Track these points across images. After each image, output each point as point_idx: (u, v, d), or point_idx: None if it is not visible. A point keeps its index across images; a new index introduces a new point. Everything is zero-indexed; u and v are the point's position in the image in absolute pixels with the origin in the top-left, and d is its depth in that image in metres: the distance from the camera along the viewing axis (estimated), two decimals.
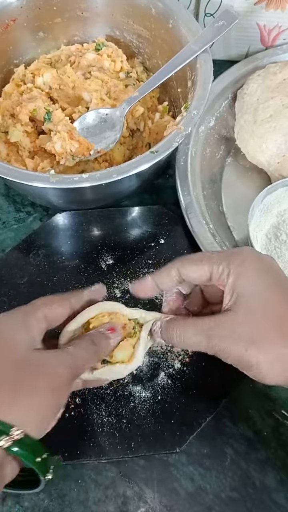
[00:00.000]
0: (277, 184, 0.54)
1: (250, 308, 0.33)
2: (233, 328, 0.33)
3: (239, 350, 0.32)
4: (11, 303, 0.49)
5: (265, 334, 0.32)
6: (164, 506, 0.42)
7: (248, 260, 0.35)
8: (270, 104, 0.56)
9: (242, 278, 0.34)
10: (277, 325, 0.33)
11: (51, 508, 0.43)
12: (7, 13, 0.58)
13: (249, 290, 0.34)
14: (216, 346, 0.33)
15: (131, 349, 0.40)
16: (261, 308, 0.33)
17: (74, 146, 0.53)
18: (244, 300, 0.34)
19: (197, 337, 0.35)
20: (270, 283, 0.34)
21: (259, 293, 0.34)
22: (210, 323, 0.34)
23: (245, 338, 0.32)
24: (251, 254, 0.36)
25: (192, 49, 0.52)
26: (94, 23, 0.63)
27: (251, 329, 0.33)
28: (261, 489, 0.43)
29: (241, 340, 0.32)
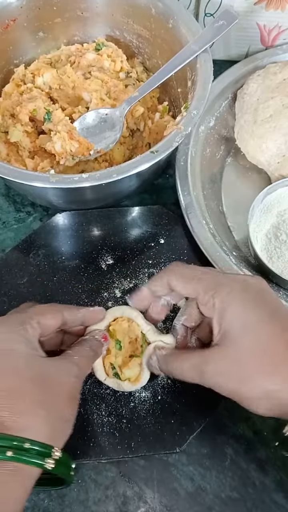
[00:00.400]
0: (277, 184, 0.54)
1: (237, 344, 0.33)
2: (222, 365, 0.33)
3: (229, 387, 0.33)
4: (11, 303, 0.49)
5: (253, 372, 0.32)
6: (164, 506, 0.42)
7: (234, 292, 0.34)
8: (270, 104, 0.56)
9: (228, 312, 0.34)
10: (265, 362, 0.32)
11: (51, 508, 0.43)
12: (7, 13, 0.58)
13: (235, 325, 0.34)
14: (208, 381, 0.34)
15: (139, 368, 0.41)
16: (248, 345, 0.33)
17: (74, 146, 0.53)
18: (231, 336, 0.34)
19: (191, 373, 0.35)
20: (257, 316, 0.34)
21: (245, 328, 0.33)
22: (200, 359, 0.35)
23: (234, 376, 0.33)
24: (238, 287, 0.35)
25: (192, 49, 0.52)
26: (94, 23, 0.63)
27: (239, 367, 0.33)
28: (261, 489, 0.43)
29: (230, 378, 0.33)
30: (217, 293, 0.35)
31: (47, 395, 0.32)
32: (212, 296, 0.35)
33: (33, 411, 0.31)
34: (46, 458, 0.30)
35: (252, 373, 0.32)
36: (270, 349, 0.32)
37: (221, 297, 0.34)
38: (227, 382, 0.33)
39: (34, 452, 0.30)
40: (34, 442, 0.30)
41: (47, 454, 0.30)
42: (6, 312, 0.48)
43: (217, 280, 0.36)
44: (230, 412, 0.46)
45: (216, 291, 0.35)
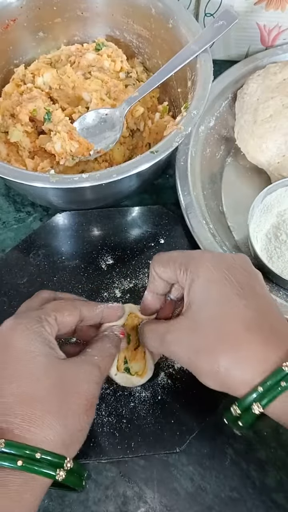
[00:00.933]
0: (277, 184, 0.54)
1: (196, 316, 0.33)
2: (180, 334, 0.34)
3: (183, 357, 0.33)
4: (11, 303, 0.49)
5: (206, 346, 0.32)
6: (164, 506, 0.42)
7: (203, 267, 0.34)
8: (270, 104, 0.56)
9: (193, 286, 0.34)
10: (219, 338, 0.32)
11: (51, 508, 0.43)
12: (7, 13, 0.58)
13: (198, 297, 0.34)
14: (166, 350, 0.35)
15: (144, 360, 0.41)
16: (206, 318, 0.33)
17: (74, 146, 0.53)
18: (192, 308, 0.34)
19: (155, 341, 0.36)
20: (220, 290, 0.33)
21: (207, 301, 0.33)
22: (164, 329, 0.35)
23: (189, 347, 0.33)
24: (207, 260, 0.35)
25: (192, 49, 0.52)
26: (94, 23, 0.63)
27: (194, 339, 0.33)
28: (261, 489, 0.43)
29: (185, 348, 0.33)
30: (188, 266, 0.35)
31: (63, 403, 0.31)
32: (185, 271, 0.35)
33: (47, 419, 0.30)
34: (58, 469, 0.30)
35: (204, 346, 0.32)
36: (227, 326, 0.32)
37: (191, 270, 0.34)
38: (182, 352, 0.34)
39: (46, 462, 0.29)
40: (46, 452, 0.29)
41: (59, 465, 0.30)
42: (6, 312, 0.48)
43: (190, 256, 0.36)
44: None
45: (188, 266, 0.35)
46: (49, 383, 0.31)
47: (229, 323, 0.32)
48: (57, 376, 0.32)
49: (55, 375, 0.32)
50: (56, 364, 0.33)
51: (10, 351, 0.32)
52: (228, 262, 0.35)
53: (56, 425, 0.30)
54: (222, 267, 0.34)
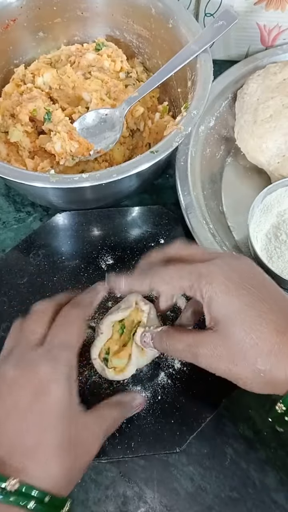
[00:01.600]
0: (277, 184, 0.54)
1: (226, 331, 0.34)
2: (214, 348, 0.34)
3: (223, 369, 0.34)
4: (11, 303, 0.49)
5: (243, 355, 0.33)
6: (164, 506, 0.42)
7: (217, 283, 0.35)
8: (270, 104, 0.56)
9: (214, 303, 0.35)
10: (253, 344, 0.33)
11: None
12: (7, 13, 0.58)
13: (222, 313, 0.34)
14: (201, 363, 0.35)
15: (127, 359, 0.42)
16: (236, 330, 0.34)
17: (74, 146, 0.54)
18: (220, 323, 0.34)
19: (185, 353, 0.36)
20: (241, 302, 0.34)
21: (231, 315, 0.34)
22: (194, 341, 0.36)
23: (226, 359, 0.34)
24: (218, 275, 0.35)
25: (192, 49, 0.52)
26: (94, 23, 0.63)
27: (229, 351, 0.34)
28: (261, 489, 0.43)
29: (221, 360, 0.34)
30: (200, 285, 0.35)
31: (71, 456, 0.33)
32: (198, 288, 0.35)
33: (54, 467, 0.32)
34: None
35: (243, 356, 0.33)
36: (259, 333, 0.33)
37: (205, 290, 0.35)
38: (219, 364, 0.34)
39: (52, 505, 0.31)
40: (54, 498, 0.31)
41: (60, 509, 0.32)
42: (6, 312, 0.48)
43: (198, 273, 0.36)
44: (230, 412, 0.46)
45: (199, 284, 0.35)
46: (67, 437, 0.33)
47: (261, 329, 0.33)
48: (75, 433, 0.34)
49: (74, 431, 0.34)
50: (77, 420, 0.35)
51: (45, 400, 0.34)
52: (237, 270, 0.36)
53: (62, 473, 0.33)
54: (234, 278, 0.35)
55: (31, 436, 0.32)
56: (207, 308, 0.35)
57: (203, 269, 0.36)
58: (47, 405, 0.33)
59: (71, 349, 0.36)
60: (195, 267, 0.36)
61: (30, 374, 0.34)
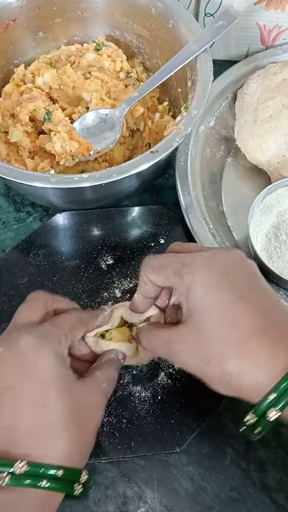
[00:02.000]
0: (277, 184, 0.54)
1: (199, 324, 0.33)
2: (186, 344, 0.33)
3: (192, 365, 0.33)
4: (11, 303, 0.49)
5: (213, 353, 0.32)
6: (164, 506, 0.42)
7: (198, 273, 0.34)
8: (270, 104, 0.56)
9: (191, 294, 0.33)
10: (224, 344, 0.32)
11: None
12: (7, 13, 0.58)
13: (198, 305, 0.33)
14: (175, 360, 0.35)
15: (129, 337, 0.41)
16: (209, 325, 0.32)
17: (74, 146, 0.54)
18: (194, 316, 0.33)
19: (160, 350, 0.36)
20: (219, 296, 0.33)
21: (207, 308, 0.33)
22: (168, 337, 0.35)
23: (196, 356, 0.33)
24: (201, 265, 0.34)
25: (192, 49, 0.52)
26: (94, 23, 0.63)
27: (201, 347, 0.33)
28: (261, 489, 0.43)
29: (193, 357, 0.33)
30: (182, 274, 0.34)
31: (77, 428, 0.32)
32: (180, 278, 0.34)
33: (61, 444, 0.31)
34: (75, 484, 0.31)
35: (212, 355, 0.32)
36: (232, 333, 0.32)
37: (185, 278, 0.34)
38: (191, 361, 0.33)
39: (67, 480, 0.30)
40: (67, 470, 0.30)
41: (76, 480, 0.31)
42: (6, 312, 0.48)
43: (182, 262, 0.35)
44: (230, 412, 0.46)
45: (181, 274, 0.34)
46: (67, 410, 0.32)
47: (235, 329, 0.32)
48: (74, 404, 0.33)
49: (73, 402, 0.33)
50: (72, 391, 0.33)
51: (34, 375, 0.32)
52: (223, 262, 0.35)
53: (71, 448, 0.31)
54: (217, 270, 0.34)
55: (30, 416, 0.31)
56: (185, 299, 0.34)
57: (188, 259, 0.35)
58: (39, 379, 0.32)
59: (61, 331, 0.35)
60: (181, 257, 0.35)
61: (13, 349, 0.33)
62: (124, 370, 0.45)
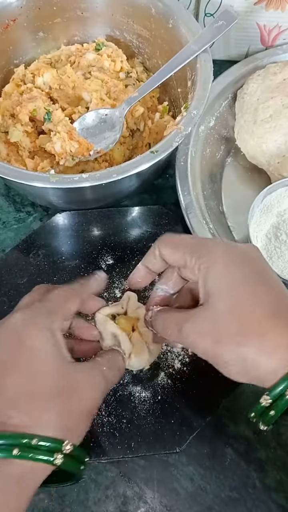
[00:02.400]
0: (277, 184, 0.54)
1: (217, 305, 0.32)
2: (199, 324, 0.32)
3: (203, 346, 0.32)
4: (11, 303, 0.49)
5: (228, 334, 0.31)
6: (164, 506, 0.42)
7: (216, 254, 0.34)
8: (270, 104, 0.56)
9: (210, 274, 0.33)
10: (242, 326, 0.31)
11: (51, 508, 0.43)
12: (7, 13, 0.58)
13: (217, 285, 0.33)
14: (184, 339, 0.33)
15: None
16: (227, 306, 0.32)
17: (74, 146, 0.54)
18: (212, 296, 0.32)
19: (171, 329, 0.35)
20: (240, 277, 0.33)
21: (227, 288, 0.32)
22: (183, 316, 0.34)
23: (209, 336, 0.32)
24: (222, 248, 0.34)
25: (192, 49, 0.52)
26: (94, 23, 0.63)
27: (215, 328, 0.32)
28: (261, 489, 0.43)
29: (205, 337, 0.32)
30: (201, 255, 0.34)
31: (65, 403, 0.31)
32: (197, 258, 0.34)
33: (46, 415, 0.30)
34: (55, 453, 0.29)
35: (227, 335, 0.31)
36: (250, 312, 0.31)
37: (205, 259, 0.34)
38: (201, 341, 0.32)
39: (44, 448, 0.29)
40: (43, 438, 0.29)
41: (57, 449, 0.29)
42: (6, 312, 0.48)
43: (203, 243, 0.35)
44: (230, 412, 0.46)
45: (200, 254, 0.34)
46: (55, 384, 0.31)
47: (252, 309, 0.31)
48: (63, 379, 0.32)
49: (61, 377, 0.32)
50: (63, 367, 0.33)
51: (22, 349, 0.32)
52: (242, 250, 0.35)
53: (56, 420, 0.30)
54: (237, 254, 0.34)
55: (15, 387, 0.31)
56: (203, 281, 0.33)
57: (210, 242, 0.36)
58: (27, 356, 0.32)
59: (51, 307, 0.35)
60: (203, 240, 0.36)
61: (4, 328, 0.33)
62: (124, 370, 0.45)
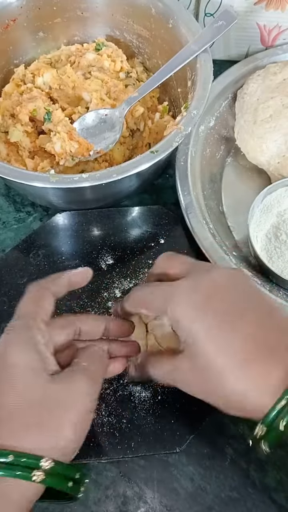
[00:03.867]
0: (277, 184, 0.54)
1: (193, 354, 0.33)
2: (188, 374, 0.34)
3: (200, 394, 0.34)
4: (11, 303, 0.49)
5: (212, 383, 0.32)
6: (164, 506, 0.42)
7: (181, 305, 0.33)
8: (270, 104, 0.56)
9: (180, 326, 0.33)
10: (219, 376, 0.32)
11: (51, 508, 0.43)
12: (7, 13, 0.58)
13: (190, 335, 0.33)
14: (183, 389, 0.35)
15: None
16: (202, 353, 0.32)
17: (74, 146, 0.54)
18: (189, 347, 0.33)
19: (168, 380, 0.36)
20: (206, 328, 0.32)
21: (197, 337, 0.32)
22: (171, 367, 0.35)
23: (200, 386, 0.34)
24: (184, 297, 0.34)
25: (192, 49, 0.52)
26: (94, 23, 0.63)
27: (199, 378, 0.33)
28: (261, 489, 0.43)
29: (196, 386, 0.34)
30: (167, 310, 0.34)
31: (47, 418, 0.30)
32: (163, 312, 0.34)
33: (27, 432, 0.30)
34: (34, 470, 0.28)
35: (211, 383, 0.32)
36: (223, 359, 0.32)
37: (171, 314, 0.34)
38: (195, 390, 0.34)
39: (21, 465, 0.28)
40: (19, 454, 0.28)
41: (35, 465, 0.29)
42: (6, 312, 0.48)
43: (164, 297, 0.35)
44: None
45: (166, 309, 0.34)
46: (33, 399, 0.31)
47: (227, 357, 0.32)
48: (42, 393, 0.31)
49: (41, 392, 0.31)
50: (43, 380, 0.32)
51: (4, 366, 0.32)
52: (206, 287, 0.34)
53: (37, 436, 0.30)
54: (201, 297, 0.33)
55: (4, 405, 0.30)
56: (177, 330, 0.34)
57: (169, 292, 0.35)
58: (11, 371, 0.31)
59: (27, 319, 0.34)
60: (164, 290, 0.35)
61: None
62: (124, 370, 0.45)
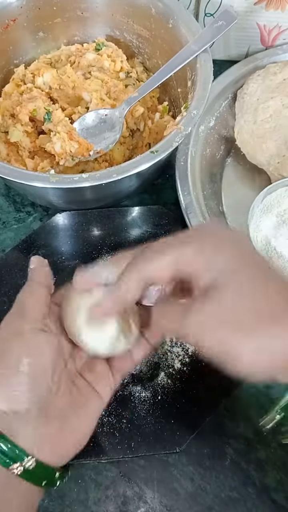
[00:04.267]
0: (277, 184, 0.54)
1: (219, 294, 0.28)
2: (212, 314, 0.28)
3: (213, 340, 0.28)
4: (11, 303, 0.49)
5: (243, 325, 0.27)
6: (164, 506, 0.42)
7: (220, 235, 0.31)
8: (270, 104, 0.56)
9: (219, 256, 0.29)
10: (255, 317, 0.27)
11: (51, 508, 0.43)
12: (7, 13, 0.58)
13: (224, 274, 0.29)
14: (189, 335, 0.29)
15: None
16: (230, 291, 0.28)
17: (74, 146, 0.53)
18: (211, 288, 0.29)
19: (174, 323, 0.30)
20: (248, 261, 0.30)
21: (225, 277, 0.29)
22: (188, 307, 0.30)
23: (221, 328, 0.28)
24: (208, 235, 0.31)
25: (191, 49, 0.52)
26: (94, 23, 0.63)
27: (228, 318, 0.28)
28: (261, 489, 0.43)
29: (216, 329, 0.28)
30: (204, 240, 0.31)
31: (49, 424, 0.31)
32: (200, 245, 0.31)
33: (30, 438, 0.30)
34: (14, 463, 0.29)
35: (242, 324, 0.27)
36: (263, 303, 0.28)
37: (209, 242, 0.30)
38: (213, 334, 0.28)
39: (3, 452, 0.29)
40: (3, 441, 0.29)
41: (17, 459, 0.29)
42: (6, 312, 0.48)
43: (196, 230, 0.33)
44: (230, 412, 0.46)
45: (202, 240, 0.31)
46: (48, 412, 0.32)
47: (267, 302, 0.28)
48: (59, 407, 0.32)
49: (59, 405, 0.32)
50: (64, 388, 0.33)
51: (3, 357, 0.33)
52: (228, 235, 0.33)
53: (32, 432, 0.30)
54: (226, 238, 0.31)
55: None
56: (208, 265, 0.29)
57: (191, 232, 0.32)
58: None
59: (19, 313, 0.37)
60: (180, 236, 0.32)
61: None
62: None
